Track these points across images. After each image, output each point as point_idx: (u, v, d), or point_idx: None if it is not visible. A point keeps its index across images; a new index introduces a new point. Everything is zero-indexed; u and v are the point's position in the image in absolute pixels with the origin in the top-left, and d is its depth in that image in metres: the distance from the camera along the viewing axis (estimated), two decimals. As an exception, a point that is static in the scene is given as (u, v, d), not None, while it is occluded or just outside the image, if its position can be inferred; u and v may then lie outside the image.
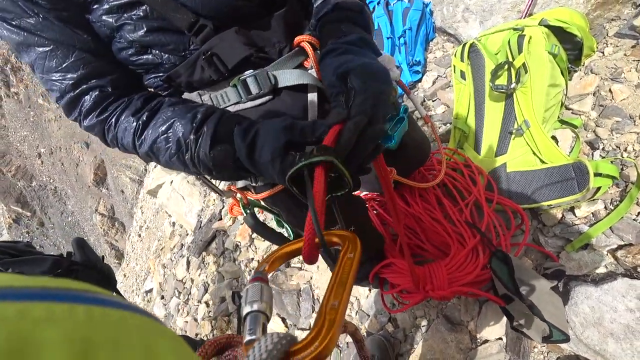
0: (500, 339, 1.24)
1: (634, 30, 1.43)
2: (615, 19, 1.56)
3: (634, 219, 1.10)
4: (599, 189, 1.14)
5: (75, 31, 0.64)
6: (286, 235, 1.05)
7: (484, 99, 1.26)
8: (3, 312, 0.13)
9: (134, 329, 0.17)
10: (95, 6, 0.62)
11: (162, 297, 2.94)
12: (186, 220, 3.06)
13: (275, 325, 1.82)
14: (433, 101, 1.87)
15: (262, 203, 0.97)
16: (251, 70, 0.70)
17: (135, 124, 0.66)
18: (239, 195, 0.92)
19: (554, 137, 1.30)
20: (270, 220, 1.86)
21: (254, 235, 2.30)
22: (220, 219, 2.72)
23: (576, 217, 1.18)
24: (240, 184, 0.89)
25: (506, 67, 1.17)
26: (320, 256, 0.48)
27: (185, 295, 2.64)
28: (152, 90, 0.78)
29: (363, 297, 1.61)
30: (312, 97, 0.73)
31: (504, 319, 1.21)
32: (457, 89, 1.38)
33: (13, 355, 0.12)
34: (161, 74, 0.72)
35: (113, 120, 0.68)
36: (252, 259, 2.23)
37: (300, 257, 0.44)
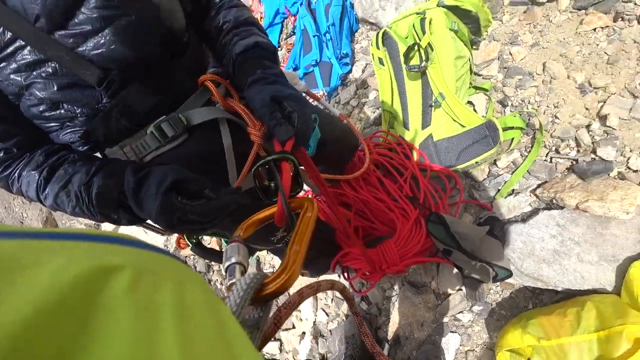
0: (460, 289, 1.38)
1: (523, -3, 1.61)
2: (508, -11, 1.74)
3: (544, 160, 1.27)
4: (512, 139, 1.30)
5: None
6: None
7: (404, 79, 1.38)
8: (85, 245, 0.19)
9: (168, 263, 0.23)
10: (2, 65, 0.63)
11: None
12: (154, 250, 3.00)
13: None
14: (365, 89, 1.99)
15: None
16: (164, 116, 0.76)
17: (37, 178, 0.69)
18: None
19: (470, 102, 1.45)
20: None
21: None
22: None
23: (499, 168, 1.34)
24: None
25: (416, 48, 1.30)
26: None
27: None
28: (72, 144, 0.80)
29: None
30: (224, 128, 0.82)
31: (458, 271, 1.34)
32: (378, 75, 1.50)
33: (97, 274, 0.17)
34: (77, 129, 0.74)
35: (16, 175, 0.71)
36: (227, 274, 2.26)
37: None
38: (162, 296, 0.19)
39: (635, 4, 1.35)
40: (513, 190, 1.29)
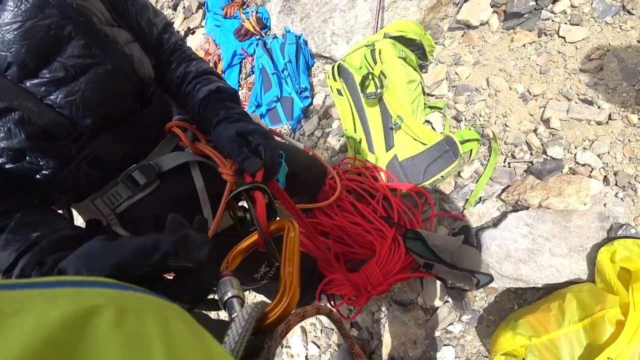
0: (447, 301, 1.40)
1: (459, 23, 1.77)
2: (445, 18, 1.91)
3: (503, 166, 1.36)
4: (471, 151, 1.38)
5: None
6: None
7: (363, 107, 1.46)
8: (64, 291, 0.19)
9: (149, 299, 0.24)
10: None
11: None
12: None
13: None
14: (327, 119, 2.06)
15: None
16: (134, 165, 0.76)
17: None
18: None
19: (428, 121, 1.54)
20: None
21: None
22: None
23: (464, 179, 1.41)
24: None
25: (370, 77, 1.38)
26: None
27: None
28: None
29: (322, 316, 1.68)
30: (195, 171, 0.83)
31: (441, 283, 1.37)
32: (338, 105, 1.57)
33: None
34: (43, 185, 0.71)
35: None
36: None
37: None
38: (147, 328, 0.20)
39: (553, 20, 1.53)
40: (480, 198, 1.35)
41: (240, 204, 0.64)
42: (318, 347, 1.65)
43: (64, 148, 0.68)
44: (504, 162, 1.37)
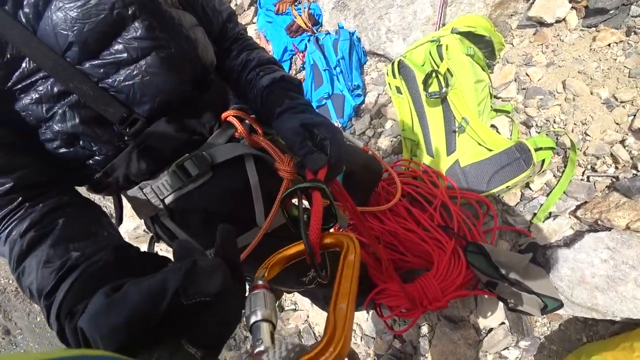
0: (503, 323, 1.28)
1: (531, 20, 1.62)
2: (514, 14, 1.76)
3: (580, 179, 1.21)
4: (543, 161, 1.25)
5: None
6: None
7: (423, 106, 1.37)
8: None
9: None
10: (22, 95, 0.59)
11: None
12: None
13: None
14: (379, 118, 1.98)
15: None
16: (187, 154, 0.73)
17: (17, 248, 0.53)
18: None
19: (493, 126, 1.42)
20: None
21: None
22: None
23: (533, 190, 1.28)
24: None
25: (434, 75, 1.29)
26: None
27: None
28: (87, 185, 0.75)
29: (363, 322, 1.61)
30: (250, 165, 0.79)
31: (501, 303, 1.25)
32: (396, 103, 1.49)
33: None
34: (94, 171, 0.69)
35: (4, 235, 0.55)
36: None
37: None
38: None
39: (650, 17, 1.35)
40: (550, 213, 1.22)
41: (295, 200, 0.58)
42: (357, 353, 1.59)
43: (117, 134, 0.66)
44: (582, 174, 1.22)
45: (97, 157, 0.68)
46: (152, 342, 0.31)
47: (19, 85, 0.57)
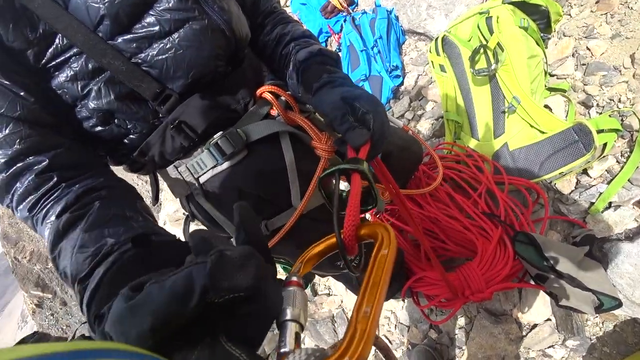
0: (549, 319, 1.19)
1: (594, -13, 1.46)
2: (573, -19, 1.59)
3: (649, 166, 1.08)
4: (605, 145, 1.13)
5: (19, 95, 0.55)
6: None
7: (469, 85, 1.27)
8: None
9: None
10: (56, 72, 0.58)
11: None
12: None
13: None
14: (420, 100, 1.89)
15: None
16: (221, 132, 0.71)
17: (53, 230, 0.52)
18: None
19: (546, 106, 1.30)
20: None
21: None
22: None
23: (591, 178, 1.16)
24: None
25: (482, 50, 1.19)
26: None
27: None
28: (124, 164, 0.76)
29: (399, 310, 1.57)
30: (286, 143, 0.76)
31: (548, 297, 1.17)
32: (440, 83, 1.40)
33: None
34: (130, 150, 0.70)
35: (41, 215, 0.55)
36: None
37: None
38: None
39: None
40: (611, 203, 1.10)
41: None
42: (390, 342, 1.56)
43: (152, 111, 0.66)
44: (652, 161, 1.09)
45: (132, 136, 0.68)
46: (185, 341, 0.29)
47: (53, 62, 0.57)
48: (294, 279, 0.34)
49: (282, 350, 0.30)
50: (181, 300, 0.27)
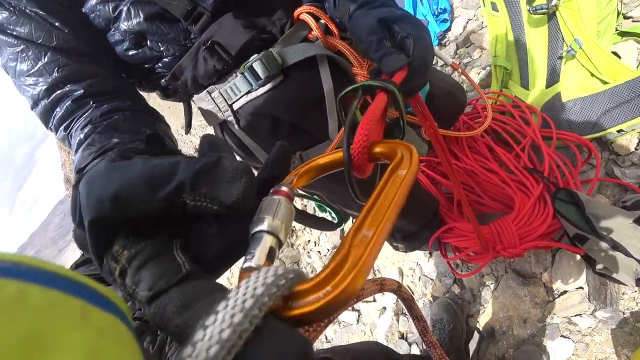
0: (581, 287, 1.13)
1: None
2: None
3: None
4: (680, 100, 0.98)
5: (54, 25, 0.57)
6: (330, 219, 1.03)
7: (523, 26, 1.12)
8: None
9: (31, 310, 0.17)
10: None
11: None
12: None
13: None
14: (467, 47, 1.74)
15: (300, 191, 0.95)
16: (256, 55, 0.68)
17: (77, 140, 0.55)
18: None
19: (614, 53, 1.13)
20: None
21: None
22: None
23: (656, 138, 1.03)
24: None
25: (543, -16, 1.03)
26: None
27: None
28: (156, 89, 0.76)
29: (424, 262, 1.57)
30: (324, 69, 0.71)
31: (583, 265, 1.10)
32: (490, 24, 1.25)
33: None
34: (163, 75, 0.69)
35: (72, 131, 0.58)
36: (309, 241, 2.25)
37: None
38: None
39: None
40: (675, 167, 0.98)
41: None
42: (412, 292, 1.58)
43: (183, 31, 0.64)
44: None
45: (165, 59, 0.68)
46: (136, 235, 0.27)
47: None
48: (284, 188, 0.29)
49: (247, 265, 0.25)
50: (154, 184, 0.26)
